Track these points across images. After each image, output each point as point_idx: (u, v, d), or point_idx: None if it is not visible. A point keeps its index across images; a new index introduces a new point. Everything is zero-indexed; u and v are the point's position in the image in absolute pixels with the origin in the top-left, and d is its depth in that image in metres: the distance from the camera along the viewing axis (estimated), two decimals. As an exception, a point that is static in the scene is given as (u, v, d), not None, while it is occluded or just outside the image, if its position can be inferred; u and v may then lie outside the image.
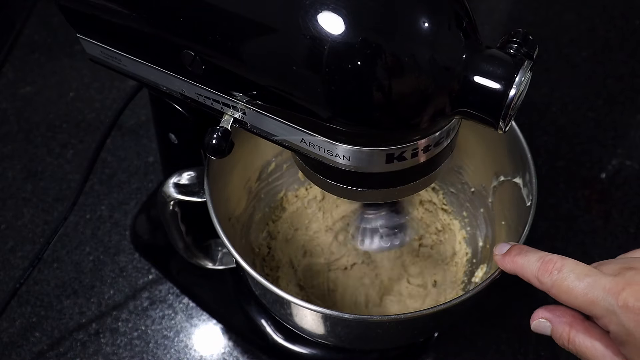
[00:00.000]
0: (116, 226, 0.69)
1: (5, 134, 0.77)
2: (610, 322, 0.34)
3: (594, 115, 0.78)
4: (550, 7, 0.91)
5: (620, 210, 0.70)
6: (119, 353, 0.60)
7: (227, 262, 0.58)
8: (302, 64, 0.33)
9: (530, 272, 0.38)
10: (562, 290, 0.36)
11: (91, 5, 0.41)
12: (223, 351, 0.61)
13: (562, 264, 0.37)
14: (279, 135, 0.39)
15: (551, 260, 0.37)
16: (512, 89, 0.32)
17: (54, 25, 0.88)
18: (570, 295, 0.36)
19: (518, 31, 0.34)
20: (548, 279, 0.37)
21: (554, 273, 0.36)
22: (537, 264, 0.38)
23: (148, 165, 0.74)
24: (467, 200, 0.62)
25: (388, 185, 0.39)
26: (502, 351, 0.60)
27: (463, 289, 0.59)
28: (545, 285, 0.37)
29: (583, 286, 0.35)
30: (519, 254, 0.40)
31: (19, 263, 0.66)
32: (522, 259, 0.39)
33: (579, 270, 0.36)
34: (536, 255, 0.38)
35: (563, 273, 0.36)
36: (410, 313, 0.42)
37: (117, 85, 0.82)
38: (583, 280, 0.35)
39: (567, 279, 0.36)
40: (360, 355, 0.59)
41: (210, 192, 0.47)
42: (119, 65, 0.44)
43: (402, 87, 0.32)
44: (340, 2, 0.32)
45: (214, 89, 0.39)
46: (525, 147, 0.49)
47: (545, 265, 0.37)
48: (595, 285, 0.35)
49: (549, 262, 0.37)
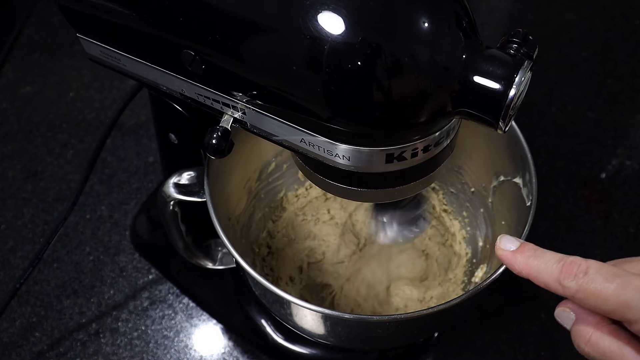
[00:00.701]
0: (116, 226, 0.69)
1: (5, 134, 0.77)
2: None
3: (594, 115, 0.78)
4: (550, 7, 0.91)
5: (620, 210, 0.70)
6: (119, 353, 0.60)
7: (227, 262, 0.58)
8: (302, 63, 0.33)
9: (549, 276, 0.34)
10: (589, 294, 0.33)
11: (91, 5, 0.41)
12: (223, 351, 0.61)
13: (587, 265, 0.33)
14: (279, 135, 0.39)
15: (574, 262, 0.34)
16: (512, 89, 0.32)
17: (54, 25, 0.88)
18: (600, 298, 0.32)
19: (518, 31, 0.34)
20: (573, 283, 0.33)
21: (580, 275, 0.33)
22: (557, 266, 0.34)
23: (148, 165, 0.74)
24: (467, 200, 0.62)
25: (388, 185, 0.39)
26: (502, 351, 0.60)
27: (463, 289, 0.59)
28: (570, 290, 0.33)
29: (614, 288, 0.32)
30: (533, 256, 0.36)
31: (19, 263, 0.66)
32: (537, 262, 0.35)
33: (606, 271, 0.32)
34: (555, 257, 0.35)
35: (590, 275, 0.33)
36: (410, 313, 0.42)
37: (117, 85, 0.82)
38: (613, 282, 0.32)
39: (595, 281, 0.32)
40: (360, 355, 0.59)
41: (210, 192, 0.47)
42: (119, 65, 0.44)
43: (402, 87, 0.32)
44: (340, 2, 0.32)
45: (213, 89, 0.39)
46: (525, 147, 0.49)
47: (569, 267, 0.34)
48: (627, 286, 0.32)
49: (572, 265, 0.34)
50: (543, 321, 0.61)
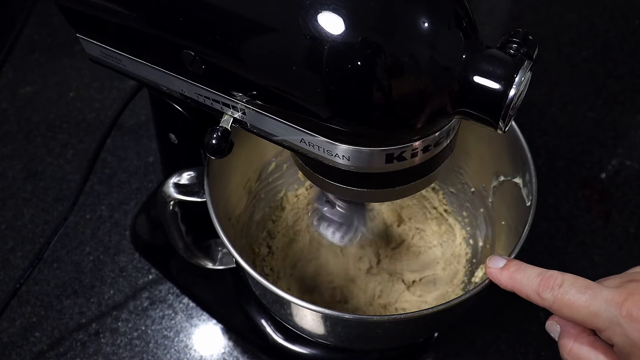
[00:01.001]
0: (116, 226, 0.69)
1: (5, 134, 0.77)
2: (614, 334, 0.34)
3: (594, 115, 0.78)
4: (550, 7, 0.91)
5: (620, 210, 0.70)
6: (119, 353, 0.60)
7: (227, 262, 0.58)
8: (302, 64, 0.33)
9: (530, 289, 0.38)
10: (564, 304, 0.36)
11: (91, 5, 0.41)
12: (223, 351, 0.61)
13: (563, 278, 0.36)
14: (279, 135, 0.39)
15: (552, 275, 0.37)
16: (512, 89, 0.32)
17: (54, 25, 0.88)
18: (572, 308, 0.35)
19: (518, 31, 0.34)
20: (549, 295, 0.36)
21: (555, 288, 0.36)
22: (537, 279, 0.37)
23: (148, 165, 0.74)
24: (467, 200, 0.62)
25: (388, 185, 0.39)
26: (502, 351, 0.60)
27: (463, 289, 0.59)
28: (547, 301, 0.37)
29: (585, 299, 0.35)
30: (517, 270, 0.39)
31: (19, 263, 0.66)
32: (520, 275, 0.39)
33: (579, 284, 0.36)
34: (535, 271, 0.38)
35: (564, 287, 0.36)
36: (410, 313, 0.42)
37: (117, 85, 0.82)
38: (585, 293, 0.35)
39: (568, 292, 0.36)
40: (360, 355, 0.59)
41: (210, 192, 0.47)
42: (119, 65, 0.44)
43: (402, 87, 0.32)
44: (340, 2, 0.32)
45: (214, 89, 0.39)
46: (525, 147, 0.49)
47: (546, 280, 0.37)
48: (597, 297, 0.35)
49: (550, 278, 0.37)
50: (543, 321, 0.60)
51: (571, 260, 0.66)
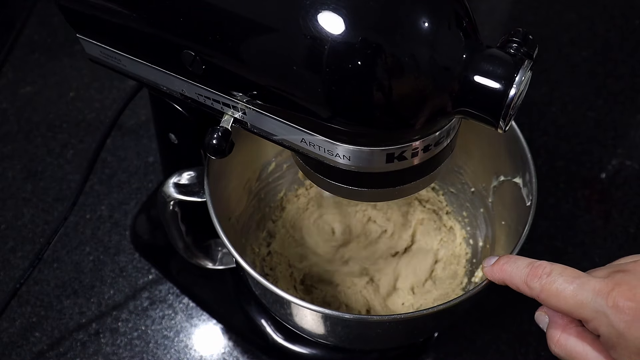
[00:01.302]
0: (116, 226, 0.69)
1: (5, 134, 0.77)
2: (600, 325, 0.34)
3: (594, 115, 0.78)
4: (550, 7, 0.91)
5: (620, 210, 0.70)
6: (119, 353, 0.60)
7: (227, 262, 0.58)
8: (303, 64, 0.33)
9: (519, 279, 0.38)
10: (551, 294, 0.36)
11: (91, 5, 0.41)
12: (223, 351, 0.61)
13: (552, 268, 0.36)
14: (279, 135, 0.39)
15: (540, 265, 0.37)
16: (512, 89, 0.32)
17: (54, 25, 0.88)
18: (559, 298, 0.35)
19: (518, 31, 0.34)
20: (537, 284, 0.36)
21: (543, 277, 0.36)
22: (526, 269, 0.37)
23: (148, 165, 0.74)
24: (467, 200, 0.62)
25: (388, 185, 0.39)
26: (502, 351, 0.60)
27: (463, 289, 0.59)
28: (535, 291, 0.37)
29: (572, 288, 0.35)
30: (507, 262, 0.39)
31: (19, 263, 0.66)
32: (510, 267, 0.39)
33: (567, 274, 0.36)
34: (525, 262, 0.38)
35: (552, 277, 0.36)
36: (410, 313, 0.42)
37: (117, 85, 0.82)
38: (572, 283, 0.35)
39: (556, 282, 0.36)
40: (360, 355, 0.59)
41: (210, 192, 0.47)
42: (119, 65, 0.44)
43: (402, 87, 0.32)
44: (340, 2, 0.32)
45: (214, 89, 0.39)
46: (525, 147, 0.49)
47: (534, 270, 0.37)
48: (584, 287, 0.35)
49: (538, 267, 0.37)
50: (543, 321, 0.61)
51: (571, 260, 0.65)
